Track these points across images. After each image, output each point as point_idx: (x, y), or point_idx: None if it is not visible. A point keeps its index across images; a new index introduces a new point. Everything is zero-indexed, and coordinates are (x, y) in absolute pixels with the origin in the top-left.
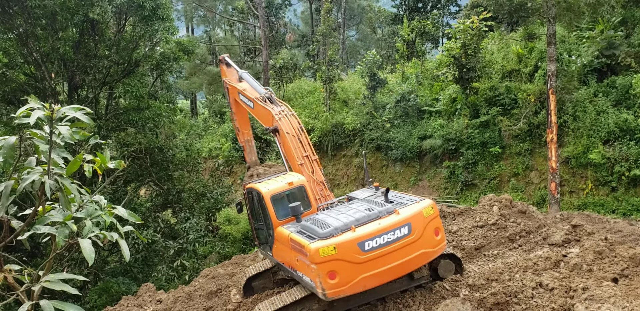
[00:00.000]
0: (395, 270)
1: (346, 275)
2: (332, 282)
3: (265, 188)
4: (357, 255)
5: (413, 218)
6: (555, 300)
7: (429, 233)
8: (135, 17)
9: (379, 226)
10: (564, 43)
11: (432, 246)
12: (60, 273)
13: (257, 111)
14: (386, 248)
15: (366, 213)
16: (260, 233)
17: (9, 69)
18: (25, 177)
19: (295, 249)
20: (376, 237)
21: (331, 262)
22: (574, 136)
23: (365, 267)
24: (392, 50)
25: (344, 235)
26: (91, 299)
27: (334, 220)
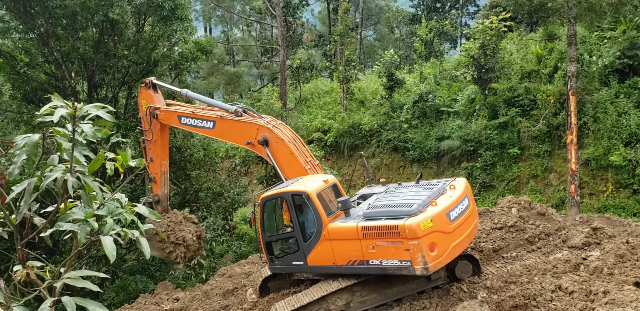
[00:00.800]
0: (468, 238)
1: (442, 245)
2: (433, 254)
3: (307, 187)
4: (447, 225)
5: (466, 191)
6: (575, 304)
7: (474, 205)
8: (154, 17)
9: (451, 198)
10: (585, 43)
11: (476, 217)
12: (81, 270)
13: (223, 131)
14: (462, 217)
15: (429, 191)
16: (281, 245)
17: (30, 68)
18: (47, 174)
19: (373, 237)
20: (455, 208)
21: (431, 234)
22: (595, 138)
23: (453, 236)
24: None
25: (431, 209)
26: (109, 296)
27: (405, 201)
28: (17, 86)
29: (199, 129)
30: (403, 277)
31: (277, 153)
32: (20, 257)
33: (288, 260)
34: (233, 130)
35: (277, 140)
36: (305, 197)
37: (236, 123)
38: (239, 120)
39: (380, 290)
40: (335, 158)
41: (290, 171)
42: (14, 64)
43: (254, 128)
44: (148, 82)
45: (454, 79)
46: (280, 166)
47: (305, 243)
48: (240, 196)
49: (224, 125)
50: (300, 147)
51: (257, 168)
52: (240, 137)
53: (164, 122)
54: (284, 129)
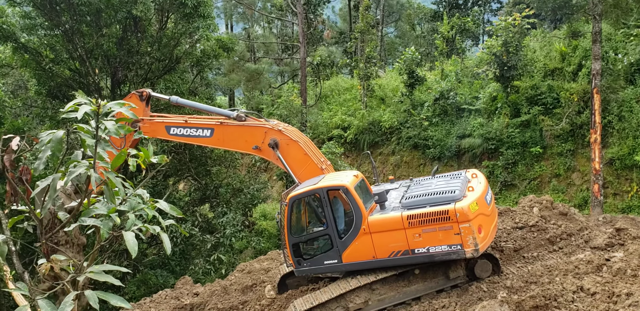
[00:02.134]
0: (496, 225)
1: (486, 226)
2: (481, 236)
3: (344, 181)
4: (487, 208)
5: (485, 180)
6: (597, 305)
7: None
8: (177, 14)
9: (481, 184)
10: (610, 41)
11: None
12: (104, 265)
13: (222, 138)
14: (491, 203)
15: (458, 180)
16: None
17: (55, 64)
18: (71, 170)
19: (420, 224)
20: (487, 194)
21: (478, 217)
22: (619, 137)
23: (492, 218)
24: (431, 48)
25: (470, 194)
26: (130, 290)
27: (444, 188)
28: (42, 81)
29: (193, 138)
30: (422, 276)
31: (288, 156)
32: (44, 251)
33: (319, 260)
34: (236, 136)
35: (288, 142)
36: (344, 191)
37: (240, 128)
38: (244, 124)
39: (399, 288)
40: (355, 155)
41: (303, 172)
42: (39, 60)
43: (261, 132)
44: (145, 95)
45: (476, 77)
46: (293, 168)
47: (340, 240)
48: (260, 192)
49: (224, 131)
50: (312, 148)
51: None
52: (245, 143)
53: (147, 135)
54: (293, 131)
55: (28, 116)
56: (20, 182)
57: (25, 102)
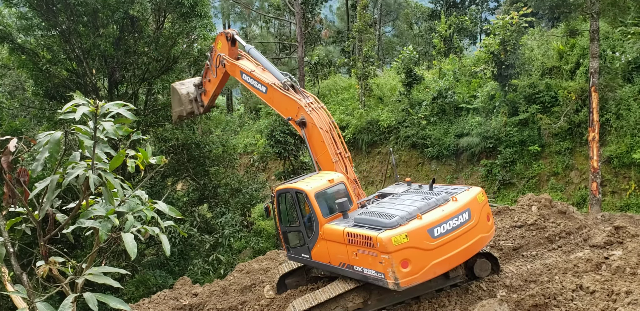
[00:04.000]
0: (460, 255)
1: (418, 262)
2: (405, 270)
3: (308, 186)
4: (428, 242)
5: (471, 203)
6: (596, 304)
7: (483, 219)
8: (174, 14)
9: (444, 212)
10: (608, 39)
11: (486, 231)
12: (103, 267)
13: (272, 98)
14: (452, 233)
15: (425, 201)
16: (293, 237)
17: (52, 65)
18: (70, 171)
19: (354, 244)
20: (443, 223)
21: (403, 250)
22: (617, 135)
23: (435, 253)
24: (428, 47)
25: (412, 223)
26: (128, 291)
27: (395, 210)
28: (39, 82)
29: (255, 89)
30: None
31: (312, 137)
32: (43, 253)
33: (299, 251)
34: (279, 101)
35: (312, 125)
36: (304, 196)
37: (282, 96)
38: (284, 94)
39: None
40: (353, 154)
41: (320, 159)
42: (36, 60)
43: (295, 106)
44: (229, 36)
45: (474, 76)
46: (314, 150)
47: (309, 239)
48: (259, 192)
49: (273, 93)
50: (334, 137)
51: (275, 163)
52: (286, 111)
53: (229, 72)
54: (322, 114)
55: (25, 117)
56: (18, 183)
57: (23, 103)
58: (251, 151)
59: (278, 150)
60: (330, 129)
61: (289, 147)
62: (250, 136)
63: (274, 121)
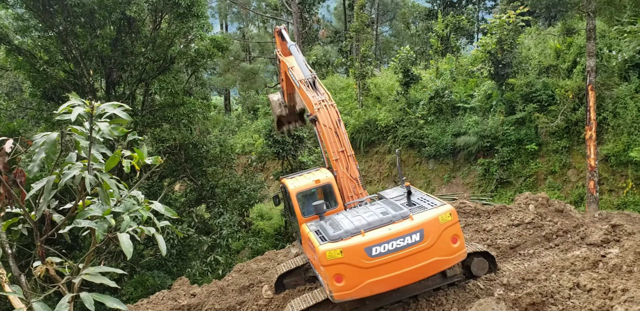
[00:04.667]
0: (404, 277)
1: (352, 279)
2: (339, 285)
3: (293, 184)
4: (364, 260)
5: (426, 224)
6: (593, 301)
7: (444, 241)
8: (171, 14)
9: (389, 231)
10: (604, 38)
11: (448, 254)
12: (99, 267)
13: (301, 94)
14: (395, 254)
15: (380, 216)
16: (293, 227)
17: (50, 66)
18: (66, 172)
19: (311, 249)
20: (384, 243)
21: (337, 265)
22: (614, 134)
23: (372, 272)
24: (426, 46)
25: (353, 239)
26: (127, 291)
27: (347, 222)
28: (36, 83)
29: (295, 85)
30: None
31: (321, 134)
32: (39, 253)
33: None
34: (304, 98)
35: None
36: (287, 194)
37: (302, 93)
38: (304, 91)
39: None
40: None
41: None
42: (33, 62)
43: (310, 104)
44: (277, 31)
45: (471, 75)
46: (324, 147)
47: (297, 233)
48: (257, 192)
49: (301, 90)
50: (334, 137)
51: (273, 163)
52: (309, 108)
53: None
54: (330, 112)
55: (23, 118)
56: (15, 184)
57: (20, 104)
58: (249, 151)
59: (276, 150)
60: (335, 127)
61: (287, 147)
62: (248, 136)
63: (272, 120)
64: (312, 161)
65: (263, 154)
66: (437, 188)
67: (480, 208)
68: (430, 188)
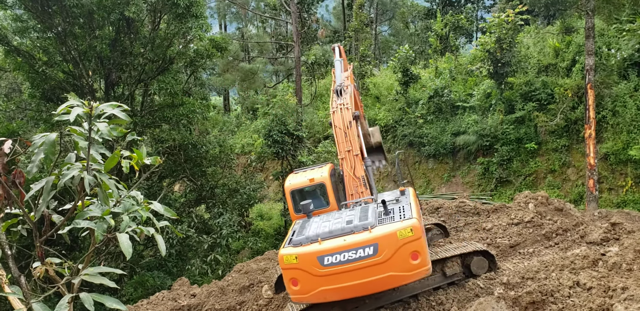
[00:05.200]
0: (357, 288)
1: (306, 284)
2: (294, 288)
3: (289, 181)
4: (316, 268)
5: (382, 238)
6: (593, 300)
7: (402, 256)
8: (170, 14)
9: (343, 242)
10: (603, 36)
11: (406, 270)
12: (99, 267)
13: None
14: (346, 265)
15: (342, 225)
16: None
17: (49, 67)
18: (65, 173)
19: None
20: (336, 253)
21: (293, 270)
22: (614, 132)
23: (324, 281)
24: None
25: (310, 246)
26: (127, 292)
27: (314, 228)
28: (35, 84)
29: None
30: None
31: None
32: (39, 254)
33: None
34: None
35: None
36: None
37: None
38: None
39: None
40: None
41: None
42: (32, 63)
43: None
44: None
45: (470, 74)
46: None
47: None
48: (256, 192)
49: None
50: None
51: (272, 164)
52: None
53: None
54: (344, 114)
55: (22, 119)
56: (14, 185)
57: (19, 105)
58: (248, 152)
59: (275, 150)
60: (345, 128)
61: (286, 147)
62: (248, 136)
63: (271, 121)
64: (312, 161)
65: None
66: (436, 187)
67: (480, 207)
68: (430, 187)
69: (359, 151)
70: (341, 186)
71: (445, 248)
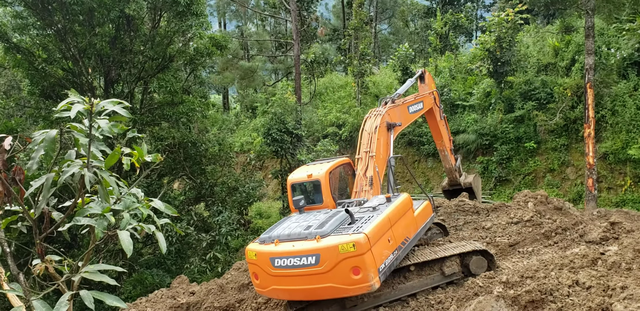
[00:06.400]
0: (302, 293)
1: (263, 280)
2: (256, 282)
3: (292, 175)
4: (269, 268)
5: (324, 250)
6: (592, 299)
7: (343, 270)
8: (170, 12)
9: (292, 248)
10: (603, 36)
11: (347, 284)
12: (99, 264)
13: None
14: (291, 270)
15: (300, 230)
16: None
17: (48, 64)
18: (65, 170)
19: None
20: (284, 257)
21: (253, 265)
22: (613, 131)
23: (275, 280)
24: (424, 44)
25: (268, 246)
26: (126, 290)
27: (282, 228)
28: (35, 81)
29: None
30: (417, 272)
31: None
32: (39, 251)
33: None
34: None
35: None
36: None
37: None
38: None
39: (394, 285)
40: (350, 153)
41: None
42: (32, 60)
43: None
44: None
45: (470, 73)
46: None
47: None
48: (256, 190)
49: None
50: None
51: (272, 162)
52: None
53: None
54: (371, 118)
55: (21, 117)
56: (14, 182)
57: (19, 102)
58: (248, 150)
59: (275, 148)
60: (372, 132)
61: (285, 146)
62: (247, 134)
63: (270, 119)
64: (310, 159)
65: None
66: (435, 186)
67: (480, 206)
68: (429, 186)
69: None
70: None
71: (444, 247)
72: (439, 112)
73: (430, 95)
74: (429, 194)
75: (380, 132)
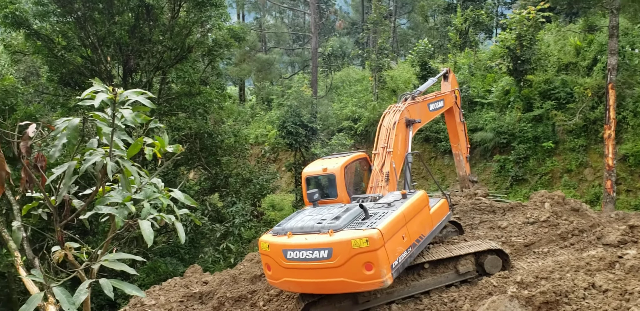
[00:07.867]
0: (314, 286)
1: (275, 272)
2: (268, 273)
3: (307, 168)
4: (282, 260)
5: (337, 244)
6: (609, 302)
7: (355, 265)
8: (190, 3)
9: (304, 241)
10: (627, 35)
11: (359, 279)
12: (119, 253)
13: None
14: (304, 263)
15: (313, 223)
16: None
17: (67, 51)
18: (87, 158)
19: None
20: (297, 250)
21: (266, 257)
22: (634, 133)
23: (288, 272)
24: (444, 40)
25: (281, 238)
26: (139, 277)
27: (295, 220)
28: (54, 68)
29: None
30: (432, 270)
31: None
32: (59, 238)
33: None
34: None
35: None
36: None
37: None
38: None
39: (408, 282)
40: (365, 147)
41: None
42: (51, 47)
43: None
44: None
45: (489, 70)
46: None
47: None
48: (269, 182)
49: None
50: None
51: (286, 154)
52: None
53: None
54: (390, 114)
55: (40, 103)
56: (35, 169)
57: (37, 89)
58: (262, 142)
59: (289, 141)
60: (390, 128)
61: (300, 139)
62: (262, 126)
63: (285, 112)
64: (325, 153)
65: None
66: (451, 184)
67: (495, 205)
68: (445, 183)
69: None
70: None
71: (459, 245)
72: (459, 114)
73: (451, 94)
74: (446, 192)
75: (398, 128)
